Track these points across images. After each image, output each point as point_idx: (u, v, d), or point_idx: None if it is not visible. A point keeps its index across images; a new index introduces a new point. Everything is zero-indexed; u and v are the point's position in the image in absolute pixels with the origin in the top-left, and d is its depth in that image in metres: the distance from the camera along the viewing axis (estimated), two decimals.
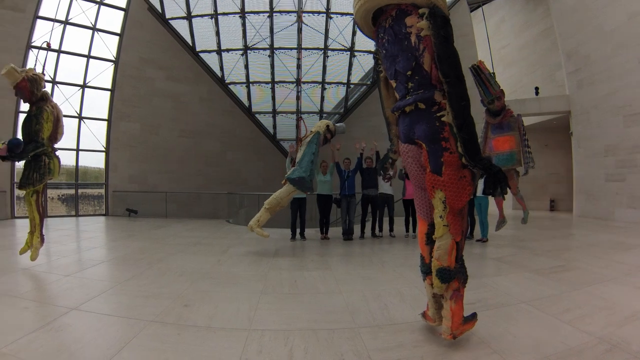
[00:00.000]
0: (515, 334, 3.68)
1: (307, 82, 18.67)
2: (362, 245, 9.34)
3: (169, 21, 18.00)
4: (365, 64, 18.79)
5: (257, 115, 19.75)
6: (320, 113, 19.55)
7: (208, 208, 17.56)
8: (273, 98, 19.21)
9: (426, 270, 3.69)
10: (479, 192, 9.38)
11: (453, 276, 3.33)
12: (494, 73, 8.39)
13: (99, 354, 3.40)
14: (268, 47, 17.96)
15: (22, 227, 12.00)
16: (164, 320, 4.16)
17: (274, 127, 20.04)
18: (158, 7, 17.75)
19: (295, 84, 18.48)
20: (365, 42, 17.45)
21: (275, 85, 18.84)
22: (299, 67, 18.00)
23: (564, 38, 16.11)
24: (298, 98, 18.43)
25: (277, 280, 5.91)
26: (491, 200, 9.96)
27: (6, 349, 3.50)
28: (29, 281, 6.31)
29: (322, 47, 17.96)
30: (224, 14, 17.32)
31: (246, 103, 19.52)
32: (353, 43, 17.97)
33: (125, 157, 17.25)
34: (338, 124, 9.85)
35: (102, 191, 17.51)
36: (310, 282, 5.84)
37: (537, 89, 17.76)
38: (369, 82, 19.62)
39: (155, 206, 16.96)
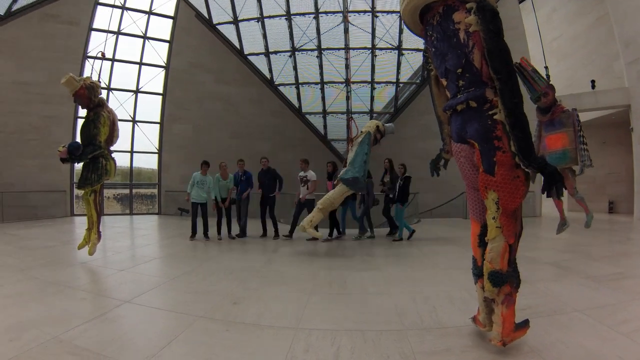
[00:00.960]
0: (568, 344, 3.43)
1: (356, 82, 18.23)
2: (412, 246, 9.03)
3: (217, 26, 18.27)
4: (413, 62, 18.16)
5: (307, 116, 19.57)
6: (371, 113, 19.08)
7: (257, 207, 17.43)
8: (323, 98, 18.97)
9: (478, 273, 3.55)
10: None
11: (505, 280, 3.19)
12: (546, 67, 7.91)
13: (150, 345, 3.53)
14: (316, 48, 17.78)
15: (81, 224, 12.64)
16: (213, 317, 4.23)
17: (325, 127, 19.77)
18: (205, 13, 18.09)
19: (344, 84, 18.06)
20: (413, 40, 16.75)
21: (325, 85, 18.58)
22: (347, 67, 17.53)
23: (620, 25, 14.60)
24: (348, 98, 17.97)
25: (326, 280, 5.89)
26: (549, 201, 9.40)
27: (64, 335, 3.69)
28: (86, 274, 6.66)
29: (370, 46, 17.56)
30: (270, 17, 17.30)
31: (296, 104, 19.41)
32: (400, 41, 17.41)
33: (177, 158, 17.51)
34: (387, 124, 9.63)
35: (155, 191, 17.99)
36: (359, 282, 5.74)
37: (593, 82, 16.16)
38: (418, 81, 18.93)
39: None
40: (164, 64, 17.93)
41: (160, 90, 17.91)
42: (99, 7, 17.02)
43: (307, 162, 10.66)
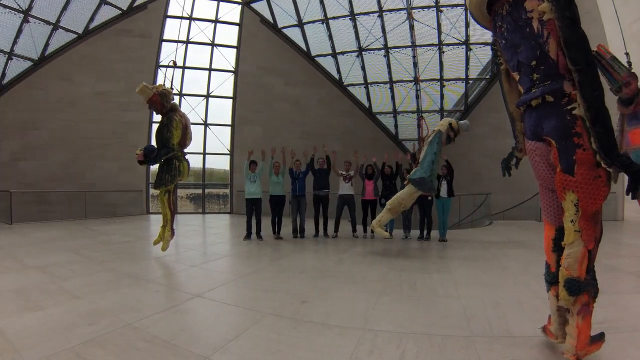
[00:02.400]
0: None
1: (425, 80, 17.64)
2: (484, 249, 8.75)
3: (282, 30, 18.42)
4: (482, 57, 17.23)
5: (378, 116, 19.23)
6: (441, 111, 18.35)
7: (331, 208, 17.24)
8: (392, 98, 18.55)
9: (551, 280, 3.32)
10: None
11: (583, 288, 2.94)
12: (626, 53, 7.14)
13: (218, 337, 3.67)
14: (382, 47, 17.42)
15: (155, 221, 13.62)
16: (281, 314, 4.28)
17: (396, 127, 19.29)
18: (269, 18, 18.33)
19: (413, 83, 17.64)
20: (480, 34, 16.10)
21: (394, 84, 18.16)
22: (415, 65, 17.17)
23: None
24: (417, 97, 17.53)
25: (396, 281, 5.79)
26: (634, 203, 8.62)
27: (137, 323, 3.98)
28: (160, 268, 7.06)
29: (436, 42, 16.94)
30: (334, 18, 17.20)
31: (366, 104, 19.14)
32: (468, 36, 16.61)
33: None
34: (462, 122, 9.09)
35: (227, 191, 18.32)
36: (429, 284, 5.63)
37: None
38: (488, 77, 17.93)
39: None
40: (232, 69, 18.38)
41: (231, 94, 18.37)
42: (168, 20, 17.95)
43: (352, 164, 10.81)
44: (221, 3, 18.33)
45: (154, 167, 8.90)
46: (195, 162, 17.21)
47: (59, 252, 8.19)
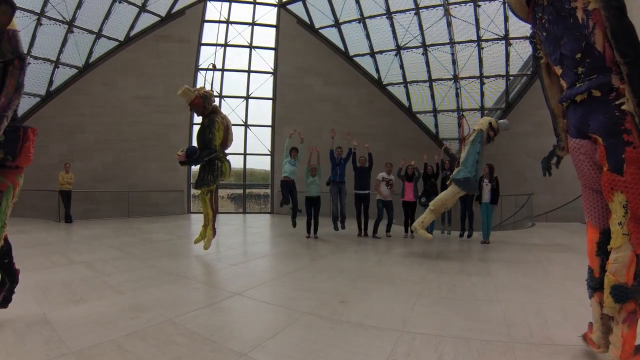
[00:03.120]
0: None
1: (465, 78, 17.23)
2: (526, 252, 8.46)
3: (319, 30, 18.45)
4: (523, 52, 16.56)
5: (418, 115, 18.98)
6: (482, 110, 17.87)
7: (372, 208, 17.13)
8: (432, 97, 18.25)
9: (595, 286, 3.11)
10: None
11: (630, 296, 2.74)
12: None
13: (255, 335, 3.72)
14: (420, 45, 17.16)
15: (197, 221, 13.77)
16: (319, 314, 4.30)
17: (436, 126, 18.98)
18: (306, 19, 18.41)
19: (452, 81, 17.30)
20: (520, 28, 15.47)
21: (433, 83, 17.87)
22: (454, 62, 16.81)
23: None
24: (457, 95, 17.21)
25: (435, 283, 5.72)
26: None
27: (177, 319, 4.09)
28: (201, 266, 7.21)
29: (475, 38, 16.51)
30: (370, 17, 17.10)
31: (406, 103, 18.93)
32: (507, 30, 16.08)
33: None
34: (501, 121, 8.94)
35: (268, 191, 18.47)
36: (469, 287, 5.53)
37: None
38: (529, 72, 17.33)
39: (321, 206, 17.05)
40: (271, 70, 18.53)
41: (270, 95, 18.52)
42: (206, 24, 18.33)
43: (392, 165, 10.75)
44: (257, 6, 18.58)
45: (195, 168, 9.09)
46: (236, 162, 17.49)
47: (104, 249, 8.53)
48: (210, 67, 9.31)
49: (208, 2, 18.31)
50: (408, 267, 6.81)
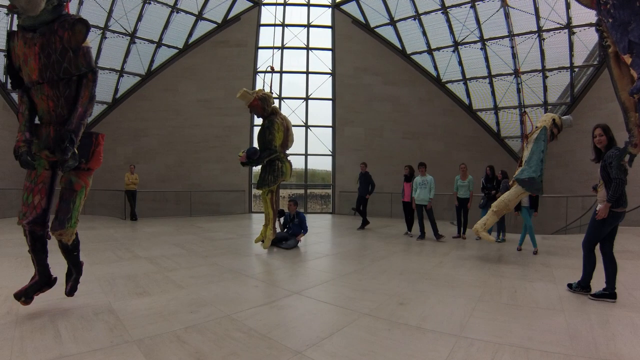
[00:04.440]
0: None
1: (526, 72, 16.57)
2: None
3: (375, 29, 18.39)
4: (588, 40, 15.49)
5: (478, 113, 18.55)
6: (545, 105, 17.16)
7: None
8: (492, 93, 17.77)
9: None
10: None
11: None
12: None
13: (312, 334, 3.72)
14: (478, 39, 16.75)
15: (257, 220, 14.29)
16: (377, 315, 4.24)
17: (497, 124, 18.47)
18: (361, 18, 18.39)
19: (513, 76, 16.76)
20: (584, 14, 14.39)
21: (493, 79, 17.39)
22: (514, 56, 16.20)
23: None
24: (519, 90, 16.62)
25: (496, 288, 5.47)
26: None
27: (235, 315, 4.19)
28: (261, 265, 7.32)
29: (535, 29, 15.82)
30: (425, 13, 16.88)
31: (466, 101, 18.55)
32: (569, 18, 15.19)
33: (350, 160, 17.80)
34: (564, 117, 8.32)
35: (329, 191, 18.56)
36: (530, 293, 5.20)
37: None
38: (595, 63, 16.20)
39: (381, 206, 16.97)
40: (329, 71, 18.63)
41: (329, 96, 18.60)
42: (262, 28, 18.73)
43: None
44: (312, 8, 18.78)
45: (257, 168, 9.26)
46: (297, 163, 17.67)
47: (167, 245, 8.88)
48: (268, 69, 9.46)
49: (262, 6, 18.71)
50: (468, 270, 6.62)
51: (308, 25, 18.69)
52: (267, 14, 18.57)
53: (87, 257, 4.43)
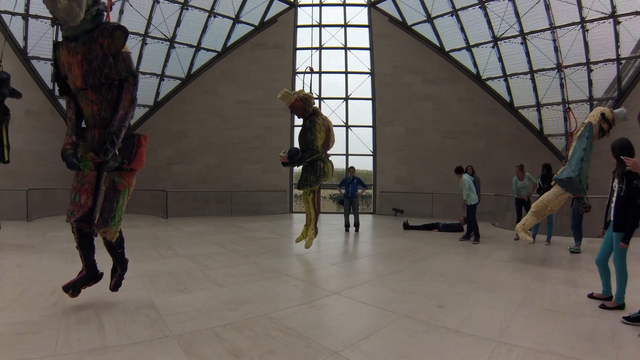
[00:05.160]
0: None
1: (570, 66, 15.92)
2: None
3: (412, 27, 18.23)
4: (635, 30, 14.73)
5: (520, 110, 18.02)
6: (590, 100, 16.40)
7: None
8: (534, 89, 17.22)
9: None
10: None
11: None
12: None
13: (350, 335, 3.74)
14: (518, 33, 16.29)
15: (298, 220, 14.49)
16: (416, 317, 4.21)
17: (540, 122, 17.87)
18: (398, 16, 18.28)
19: (556, 70, 16.19)
20: (630, 2, 13.95)
21: (535, 74, 16.85)
22: (556, 49, 15.64)
23: None
24: (562, 86, 15.96)
25: (538, 293, 5.29)
26: None
27: (274, 314, 4.25)
28: (301, 265, 7.34)
29: (578, 20, 15.11)
30: (463, 8, 16.59)
31: (507, 98, 18.07)
32: (614, 7, 14.47)
33: (391, 160, 17.89)
34: (617, 110, 7.64)
35: (370, 191, 18.40)
36: (574, 300, 4.96)
37: None
38: None
39: (421, 206, 16.96)
40: (368, 70, 18.62)
41: (369, 95, 18.59)
42: (299, 29, 18.95)
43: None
44: (347, 7, 18.79)
45: (298, 169, 9.34)
46: (338, 163, 17.66)
47: (207, 244, 9.07)
48: (307, 70, 9.54)
49: (298, 8, 18.89)
50: (510, 273, 6.45)
51: (345, 25, 18.72)
52: (304, 15, 18.78)
53: (130, 254, 4.70)
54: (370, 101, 18.51)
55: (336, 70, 18.90)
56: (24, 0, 14.17)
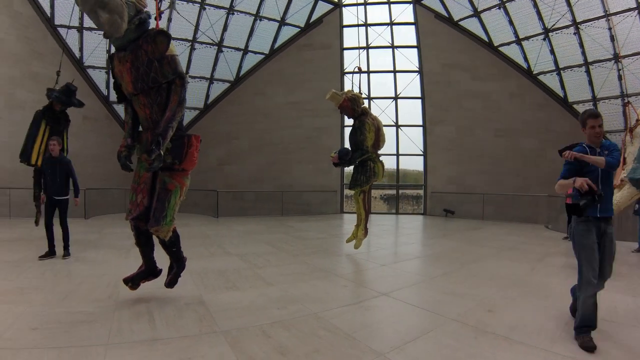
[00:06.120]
0: None
1: (628, 56, 14.99)
2: None
3: (459, 23, 17.95)
4: None
5: (575, 106, 17.13)
6: None
7: (526, 211, 16.02)
8: (590, 82, 16.41)
9: None
10: None
11: None
12: None
13: (396, 337, 3.70)
14: (570, 23, 15.56)
15: (348, 220, 14.51)
16: (465, 321, 4.11)
17: None
18: (444, 12, 18.07)
19: (613, 61, 15.40)
20: None
21: (590, 66, 16.08)
22: (612, 38, 14.93)
23: None
24: (620, 78, 15.21)
25: None
26: None
27: (322, 313, 4.29)
28: (351, 265, 7.33)
29: (635, 5, 14.17)
30: (510, 0, 16.11)
31: (560, 93, 17.33)
32: None
33: (442, 160, 17.81)
34: None
35: (421, 192, 18.65)
36: (633, 310, 4.59)
37: None
38: None
39: (472, 207, 16.84)
40: (416, 69, 18.55)
41: (418, 94, 18.54)
42: (345, 29, 19.07)
43: None
44: (393, 5, 18.74)
45: (348, 169, 9.42)
46: (389, 163, 17.93)
47: (257, 243, 9.26)
48: (356, 70, 9.60)
49: (343, 8, 19.02)
50: (564, 279, 5.90)
51: (391, 24, 18.70)
52: (349, 15, 18.85)
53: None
54: (419, 100, 18.43)
55: (384, 69, 18.93)
56: (78, 14, 15.15)
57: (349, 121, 8.82)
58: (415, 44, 18.51)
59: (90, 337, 3.47)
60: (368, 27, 18.77)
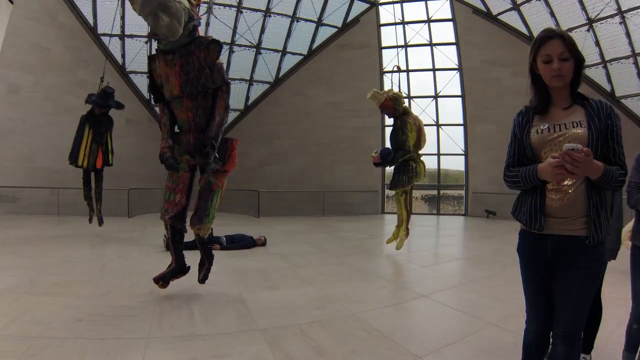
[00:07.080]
0: None
1: None
2: None
3: (498, 17, 17.50)
4: None
5: (622, 101, 16.12)
6: None
7: None
8: (639, 75, 15.38)
9: None
10: None
11: None
12: None
13: (435, 340, 3.68)
14: (616, 11, 14.47)
15: (389, 221, 14.31)
16: (504, 327, 3.98)
17: None
18: (482, 6, 17.66)
19: None
20: None
21: (638, 57, 15.12)
22: None
23: None
24: None
25: None
26: None
27: (361, 314, 4.29)
28: (391, 266, 7.38)
29: None
30: None
31: (607, 87, 16.41)
32: None
33: (484, 159, 17.46)
34: None
35: (462, 192, 18.51)
36: None
37: None
38: None
39: (510, 208, 16.17)
40: (456, 66, 18.34)
41: (458, 92, 18.35)
42: (383, 28, 19.12)
43: None
44: (429, 2, 18.56)
45: (389, 169, 9.44)
46: (430, 163, 17.83)
47: (298, 243, 9.39)
48: (395, 69, 9.58)
49: (380, 6, 19.05)
50: (611, 286, 5.48)
51: (428, 21, 18.52)
52: (386, 13, 18.91)
53: (222, 251, 4.97)
54: (459, 98, 18.25)
55: (423, 67, 18.89)
56: (119, 22, 16.00)
57: (389, 121, 8.79)
58: (453, 40, 18.27)
59: (131, 330, 3.64)
60: (405, 25, 18.68)
